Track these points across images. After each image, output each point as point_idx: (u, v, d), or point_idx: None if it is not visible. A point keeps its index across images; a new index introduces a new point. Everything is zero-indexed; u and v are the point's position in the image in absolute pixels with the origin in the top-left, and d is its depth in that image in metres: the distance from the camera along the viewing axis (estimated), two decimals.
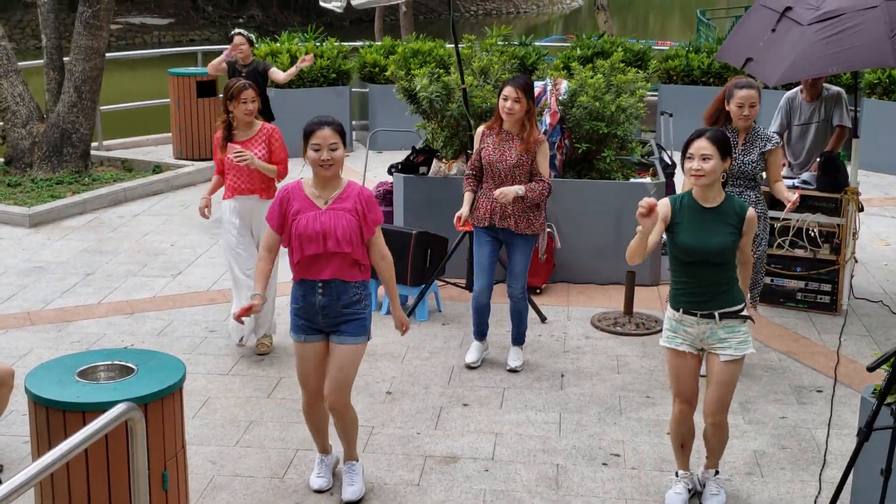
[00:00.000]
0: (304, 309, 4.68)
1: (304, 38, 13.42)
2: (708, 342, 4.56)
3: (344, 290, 4.63)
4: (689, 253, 4.46)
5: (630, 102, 8.07)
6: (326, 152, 4.54)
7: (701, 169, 4.42)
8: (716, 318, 4.50)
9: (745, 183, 6.25)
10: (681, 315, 4.55)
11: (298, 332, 4.73)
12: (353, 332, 4.67)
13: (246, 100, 6.41)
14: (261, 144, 6.47)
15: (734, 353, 4.53)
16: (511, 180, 6.11)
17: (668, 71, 13.10)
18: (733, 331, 4.53)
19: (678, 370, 4.62)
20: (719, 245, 4.44)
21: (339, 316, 4.65)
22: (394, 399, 5.98)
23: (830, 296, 7.40)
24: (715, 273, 4.48)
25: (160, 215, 10.01)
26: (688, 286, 4.51)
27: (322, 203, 4.61)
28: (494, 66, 8.35)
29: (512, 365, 6.40)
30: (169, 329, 7.06)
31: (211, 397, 5.98)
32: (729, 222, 4.48)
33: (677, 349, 4.60)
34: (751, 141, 6.24)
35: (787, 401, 5.99)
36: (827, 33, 6.34)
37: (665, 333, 4.65)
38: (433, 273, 7.33)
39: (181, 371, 4.28)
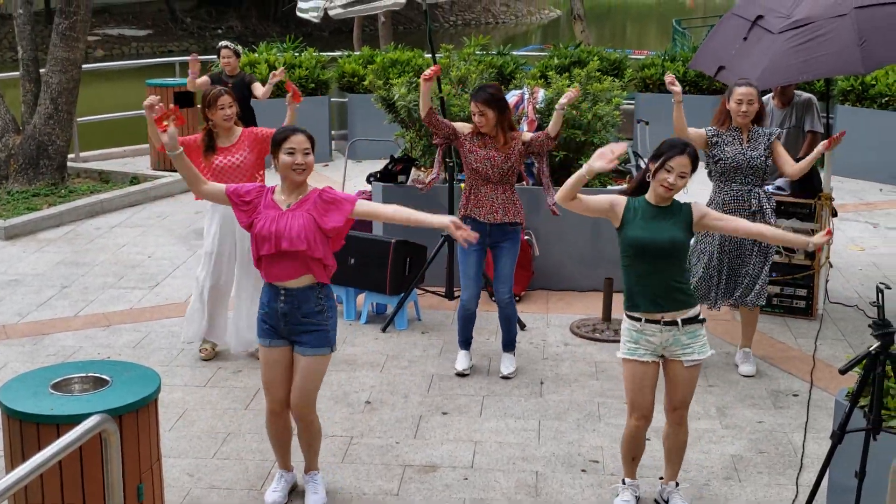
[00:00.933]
0: (268, 314, 4.67)
1: (283, 49, 13.41)
2: (671, 349, 4.55)
3: (305, 298, 4.59)
4: (640, 247, 4.49)
5: (606, 111, 8.10)
6: (301, 156, 4.55)
7: (675, 186, 4.48)
8: (678, 324, 4.50)
9: (754, 179, 6.30)
10: (642, 325, 4.52)
11: (264, 337, 4.71)
12: (314, 343, 4.62)
13: (223, 105, 6.39)
14: (243, 149, 6.45)
15: (698, 357, 4.56)
16: (500, 179, 6.14)
17: (644, 80, 13.16)
18: (695, 335, 4.55)
19: (640, 382, 4.57)
20: (669, 237, 4.48)
21: (299, 325, 4.61)
22: (373, 408, 5.96)
23: (806, 300, 7.43)
24: (667, 268, 4.49)
25: (137, 227, 9.96)
26: (642, 285, 4.51)
27: (284, 206, 4.61)
28: (472, 76, 8.36)
29: (505, 372, 6.40)
30: (146, 341, 7.02)
31: (188, 409, 5.94)
32: (679, 219, 4.53)
33: (640, 360, 4.55)
34: (754, 138, 6.30)
35: (764, 405, 6.01)
36: (797, 41, 6.39)
37: (625, 346, 4.59)
38: (412, 281, 7.32)
39: (156, 382, 4.25)
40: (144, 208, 10.68)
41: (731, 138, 6.32)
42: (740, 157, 6.25)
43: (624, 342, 4.61)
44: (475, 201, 6.21)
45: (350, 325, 7.34)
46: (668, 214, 4.55)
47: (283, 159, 4.55)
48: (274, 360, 4.71)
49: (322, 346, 4.65)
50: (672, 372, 4.59)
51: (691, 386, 4.62)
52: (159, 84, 12.28)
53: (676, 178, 4.45)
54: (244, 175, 6.44)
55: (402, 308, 7.25)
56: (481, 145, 6.18)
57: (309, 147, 4.58)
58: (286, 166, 4.55)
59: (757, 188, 6.31)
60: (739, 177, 6.29)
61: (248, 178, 6.43)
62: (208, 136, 6.49)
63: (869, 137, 11.71)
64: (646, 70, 13.19)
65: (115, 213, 10.46)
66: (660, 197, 4.54)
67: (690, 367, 4.56)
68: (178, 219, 10.24)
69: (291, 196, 4.63)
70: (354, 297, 7.47)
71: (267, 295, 4.67)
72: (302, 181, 4.60)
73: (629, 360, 4.58)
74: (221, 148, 6.47)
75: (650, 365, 4.56)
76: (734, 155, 6.26)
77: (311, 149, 4.60)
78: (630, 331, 4.57)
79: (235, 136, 6.50)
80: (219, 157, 6.45)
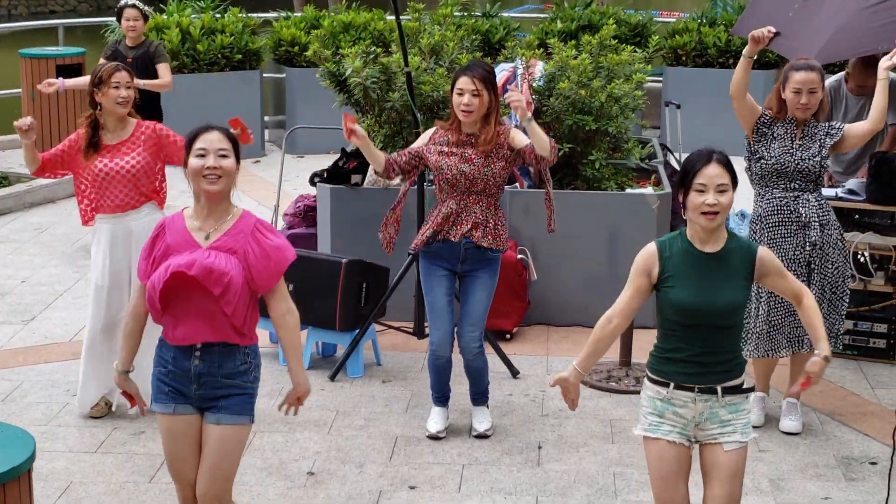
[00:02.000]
0: (172, 374, 4.59)
1: (200, 9, 13.42)
2: (706, 427, 4.47)
3: (229, 355, 4.58)
4: (688, 314, 4.41)
5: (625, 90, 8.14)
6: (213, 158, 4.50)
7: (717, 204, 4.36)
8: (718, 393, 4.43)
9: (804, 185, 6.36)
10: (670, 392, 4.45)
11: (165, 402, 4.63)
12: (235, 409, 4.59)
13: (118, 83, 6.33)
14: (137, 149, 6.41)
15: (741, 439, 4.47)
16: (483, 186, 6.15)
17: (676, 49, 13.25)
18: (737, 410, 4.47)
19: (666, 469, 4.48)
20: (727, 303, 4.40)
21: (220, 388, 4.58)
22: (318, 482, 5.95)
23: (887, 339, 7.48)
24: (719, 338, 4.44)
25: (8, 242, 9.92)
26: (682, 353, 4.45)
27: (203, 238, 4.56)
28: (448, 45, 8.39)
29: (479, 429, 6.41)
30: (18, 393, 6.99)
31: (74, 482, 5.91)
32: (737, 271, 4.44)
33: (666, 438, 4.48)
34: (810, 135, 6.37)
35: (832, 476, 6.04)
36: (875, 0, 6.45)
37: (645, 420, 4.53)
38: (370, 315, 7.32)
39: (30, 448, 4.23)
40: (17, 218, 10.64)
41: (783, 131, 6.38)
42: (787, 158, 6.30)
43: (644, 414, 4.54)
44: (447, 217, 6.21)
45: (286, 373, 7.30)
46: (721, 263, 4.44)
47: (191, 163, 4.53)
48: (181, 431, 4.64)
49: (244, 415, 4.63)
50: (710, 460, 4.49)
51: (738, 481, 4.49)
52: (37, 55, 12.25)
53: (715, 195, 4.36)
54: (134, 185, 6.37)
55: (356, 349, 7.25)
56: (455, 145, 6.20)
57: (226, 148, 4.54)
58: (196, 172, 4.51)
59: (808, 193, 6.36)
60: (784, 181, 6.34)
61: (140, 190, 6.38)
62: (92, 128, 6.41)
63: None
64: (677, 37, 13.29)
65: None
66: (705, 232, 4.42)
67: (732, 451, 4.45)
68: (60, 231, 10.21)
69: (209, 221, 4.57)
70: None
71: (172, 351, 4.61)
72: (217, 193, 4.53)
73: (651, 440, 4.51)
74: (108, 146, 6.40)
75: (679, 448, 4.47)
76: (780, 155, 6.32)
77: (230, 151, 4.56)
78: (653, 399, 4.51)
79: (128, 130, 6.45)
80: (102, 157, 6.36)
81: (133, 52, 9.54)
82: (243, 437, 4.68)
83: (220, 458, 4.60)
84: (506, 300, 7.65)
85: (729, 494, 4.46)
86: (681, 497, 4.50)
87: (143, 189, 6.41)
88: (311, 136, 11.91)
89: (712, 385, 4.43)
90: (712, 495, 4.47)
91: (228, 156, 4.55)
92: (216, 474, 4.62)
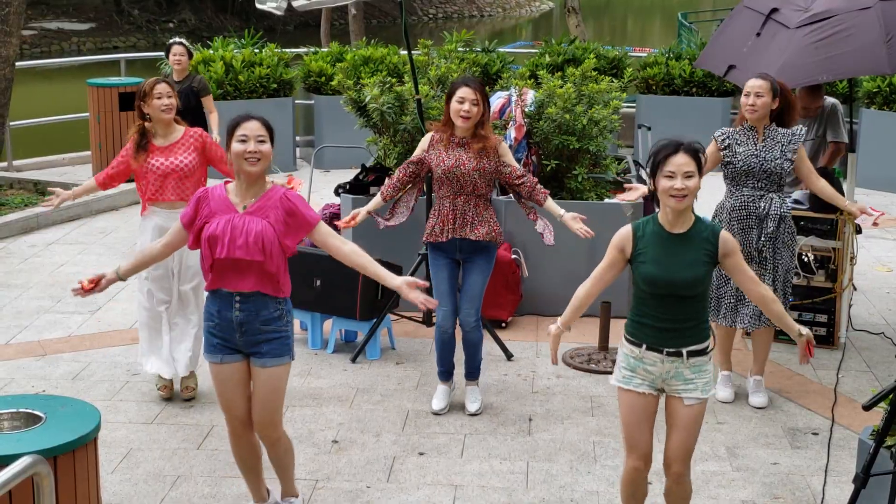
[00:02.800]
0: (219, 326, 4.69)
1: (241, 45, 13.44)
2: (671, 383, 4.49)
3: (264, 304, 4.64)
4: (657, 285, 4.40)
5: (604, 114, 8.14)
6: (253, 143, 4.58)
7: (685, 188, 4.32)
8: (683, 355, 4.44)
9: (769, 184, 6.33)
10: (642, 351, 4.47)
11: (214, 353, 4.73)
12: (275, 352, 4.68)
13: (161, 94, 6.26)
14: (188, 151, 6.37)
15: (701, 396, 4.47)
16: (471, 185, 6.14)
17: (647, 80, 13.24)
18: (700, 370, 4.47)
19: (635, 415, 4.52)
20: (690, 276, 4.38)
21: (259, 334, 4.66)
22: (341, 449, 5.95)
23: (827, 327, 7.47)
24: (685, 307, 4.43)
25: (77, 244, 9.92)
26: (653, 319, 4.45)
27: (240, 208, 4.63)
28: (453, 75, 8.39)
29: (471, 408, 6.40)
30: (86, 373, 6.99)
31: (133, 449, 5.91)
32: (702, 249, 4.41)
33: (636, 390, 4.50)
34: (771, 137, 6.33)
35: (780, 445, 6.03)
36: (816, 37, 6.45)
37: (620, 372, 4.55)
38: (386, 306, 7.32)
39: (96, 419, 4.24)
40: (85, 223, 10.65)
41: (744, 138, 6.34)
42: (753, 160, 6.28)
43: (619, 368, 4.56)
44: (442, 218, 6.21)
45: (315, 355, 7.33)
46: (688, 243, 4.41)
47: (234, 148, 4.61)
48: (229, 376, 4.74)
49: (284, 355, 4.72)
50: (671, 412, 4.53)
51: (692, 432, 4.51)
52: (102, 84, 12.26)
53: (683, 180, 4.32)
54: (189, 181, 6.34)
55: (374, 336, 7.25)
56: (448, 147, 6.20)
57: (264, 135, 4.63)
58: (238, 155, 4.59)
59: (772, 193, 6.34)
60: (752, 181, 6.32)
61: (187, 188, 6.35)
62: (141, 135, 6.37)
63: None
64: (648, 69, 13.28)
65: (52, 228, 10.43)
66: (675, 213, 4.39)
67: (691, 406, 4.46)
68: (121, 235, 10.21)
69: (248, 195, 4.66)
70: (320, 324, 7.46)
71: (216, 304, 4.68)
72: (256, 173, 4.62)
73: (624, 391, 4.54)
74: (159, 147, 6.34)
75: (647, 397, 4.51)
76: (746, 157, 6.29)
77: (266, 137, 4.64)
78: (627, 356, 4.53)
79: (177, 134, 6.40)
80: (157, 157, 6.32)
81: (179, 85, 9.50)
82: (286, 374, 4.78)
83: (268, 393, 4.71)
84: (501, 293, 7.65)
85: (685, 441, 4.53)
86: (646, 441, 4.56)
87: (189, 188, 6.35)
88: (336, 153, 11.92)
89: (679, 349, 4.43)
90: (672, 440, 4.54)
91: (265, 141, 4.63)
92: (268, 408, 4.74)
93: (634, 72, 12.83)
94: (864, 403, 4.03)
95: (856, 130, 8.03)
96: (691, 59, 13.10)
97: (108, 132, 12.09)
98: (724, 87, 12.61)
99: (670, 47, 14.11)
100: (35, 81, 21.77)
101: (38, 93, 20.34)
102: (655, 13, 55.23)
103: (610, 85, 8.40)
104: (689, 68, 12.97)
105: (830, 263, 7.40)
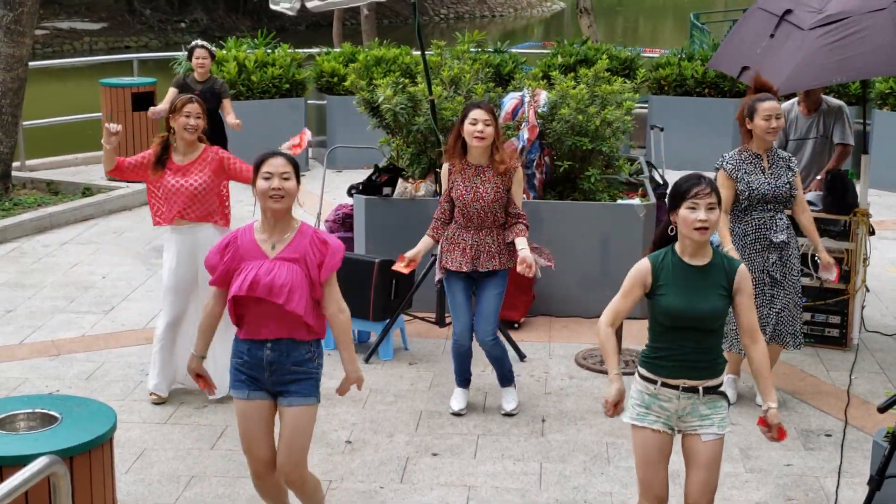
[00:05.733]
0: (248, 364, 4.63)
1: (254, 45, 13.46)
2: (686, 420, 4.42)
3: (295, 347, 4.61)
4: (677, 318, 4.35)
5: (616, 115, 8.14)
6: (278, 180, 4.54)
7: (707, 221, 4.29)
8: (699, 392, 4.37)
9: (776, 207, 6.32)
10: (657, 388, 4.40)
11: (241, 388, 4.66)
12: (302, 391, 4.63)
13: (189, 114, 6.33)
14: (205, 170, 6.39)
15: (718, 431, 4.41)
16: (492, 217, 6.15)
17: (659, 80, 13.23)
18: (715, 406, 4.41)
19: (651, 455, 4.44)
20: (710, 309, 4.34)
21: (288, 374, 4.61)
22: (354, 449, 5.96)
23: (839, 329, 7.46)
24: (704, 340, 4.38)
25: (90, 244, 9.95)
26: (671, 353, 4.39)
27: (269, 248, 4.60)
28: (466, 76, 8.40)
29: (507, 408, 6.41)
30: (100, 372, 7.01)
31: (147, 449, 5.93)
32: (719, 283, 4.37)
33: (651, 427, 4.42)
34: (775, 163, 6.31)
35: (793, 446, 6.03)
36: (830, 39, 6.43)
37: (634, 410, 4.47)
38: (399, 306, 7.33)
39: (111, 420, 4.25)
40: (98, 223, 10.68)
41: (752, 166, 6.30)
42: (766, 188, 6.25)
43: (633, 405, 4.48)
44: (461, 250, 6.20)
45: (329, 356, 7.28)
46: (706, 275, 4.38)
47: (259, 185, 4.58)
48: (254, 413, 4.68)
49: (311, 395, 4.66)
50: (689, 451, 4.46)
51: (713, 469, 4.44)
52: (115, 84, 12.30)
53: (706, 212, 4.29)
54: (199, 201, 6.36)
55: (387, 336, 7.26)
56: (464, 178, 6.18)
57: (289, 171, 4.58)
58: (262, 193, 4.57)
59: (780, 213, 6.34)
60: (761, 205, 6.30)
61: (205, 206, 6.37)
62: (163, 148, 6.42)
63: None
64: (660, 70, 13.27)
65: (66, 228, 10.46)
66: (695, 245, 4.35)
67: (709, 442, 4.40)
68: (135, 235, 10.24)
69: (275, 233, 4.62)
70: None
71: (246, 344, 4.64)
72: (281, 210, 4.58)
73: (639, 429, 4.46)
74: (176, 165, 6.39)
75: (663, 436, 4.43)
76: (758, 185, 6.26)
77: (291, 173, 4.59)
78: (642, 393, 4.45)
79: (196, 152, 6.44)
80: (174, 175, 6.37)
81: (200, 86, 9.63)
82: (312, 415, 4.71)
83: (295, 434, 4.64)
84: (514, 294, 7.65)
85: (706, 479, 4.42)
86: (661, 481, 4.47)
87: (206, 206, 6.39)
88: (348, 153, 11.91)
89: (695, 384, 4.38)
90: (693, 480, 4.44)
91: (290, 178, 4.58)
92: (294, 450, 4.67)
93: (647, 72, 12.81)
94: (879, 406, 4.03)
95: (868, 132, 8.00)
96: (703, 59, 13.08)
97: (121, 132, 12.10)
98: (736, 88, 12.58)
99: (682, 48, 14.10)
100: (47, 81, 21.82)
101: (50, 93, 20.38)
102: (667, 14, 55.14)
103: (623, 86, 8.40)
104: (701, 69, 12.95)
105: (843, 265, 7.38)
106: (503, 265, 6.21)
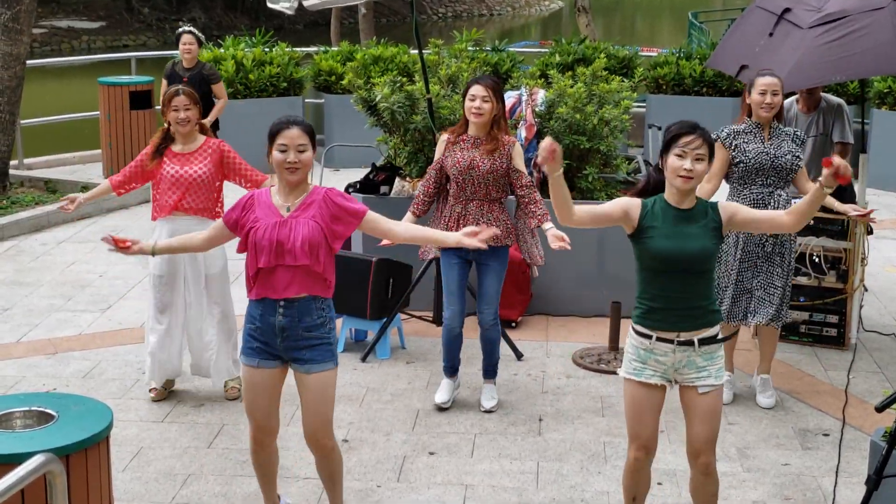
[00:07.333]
0: (260, 330, 4.65)
1: (252, 44, 13.45)
2: (683, 372, 4.47)
3: (307, 310, 4.61)
4: (666, 260, 4.39)
5: (614, 114, 8.13)
6: (293, 154, 4.56)
7: (692, 171, 4.36)
8: (695, 344, 4.43)
9: (778, 181, 6.30)
10: (653, 343, 4.44)
11: (251, 356, 4.69)
12: (319, 358, 4.64)
13: (178, 107, 6.29)
14: (204, 160, 6.37)
15: (715, 382, 4.45)
16: (485, 189, 6.14)
17: (657, 79, 13.22)
18: (712, 357, 4.46)
19: (642, 407, 4.49)
20: (699, 248, 4.39)
21: (300, 340, 4.63)
22: (351, 448, 5.95)
23: (837, 328, 7.46)
24: (694, 284, 4.42)
25: (87, 242, 9.94)
26: (662, 301, 4.42)
27: (284, 211, 4.63)
28: (464, 74, 8.39)
29: (486, 405, 6.40)
30: (96, 371, 7.00)
31: (144, 447, 5.92)
32: (707, 224, 4.44)
33: (647, 382, 4.47)
34: (777, 135, 6.31)
35: (791, 446, 6.02)
36: (829, 38, 6.44)
37: (629, 364, 4.51)
38: (396, 305, 7.32)
39: (108, 418, 4.24)
40: (95, 222, 10.67)
41: (751, 136, 6.32)
42: (764, 158, 6.26)
43: (628, 360, 4.53)
44: (454, 223, 6.19)
45: None
46: (693, 218, 4.44)
47: (275, 156, 4.61)
48: (261, 381, 4.71)
49: (329, 361, 4.67)
50: (688, 403, 4.51)
51: (713, 420, 4.49)
52: (113, 83, 12.28)
53: (693, 162, 4.34)
54: (200, 192, 6.34)
55: (384, 335, 7.25)
56: (462, 148, 6.20)
57: (305, 142, 4.59)
58: (278, 164, 4.59)
59: (780, 190, 6.33)
60: (761, 178, 6.30)
61: (199, 199, 6.35)
62: (163, 137, 6.40)
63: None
64: (658, 69, 13.26)
65: (63, 226, 10.45)
66: (680, 192, 4.42)
67: (706, 393, 4.45)
68: (133, 233, 10.15)
69: (290, 197, 4.65)
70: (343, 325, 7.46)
71: (259, 308, 4.65)
72: (297, 181, 4.62)
73: (632, 382, 4.50)
74: (176, 153, 6.37)
75: (656, 389, 4.49)
76: (756, 155, 6.26)
77: (307, 144, 4.61)
78: (637, 349, 4.50)
79: (197, 143, 6.42)
80: (172, 163, 6.34)
81: (188, 72, 9.67)
82: (334, 380, 4.73)
83: (317, 399, 4.67)
84: (512, 294, 7.64)
85: (706, 432, 4.49)
86: (650, 430, 4.53)
87: (201, 199, 6.35)
88: (346, 152, 11.93)
89: (690, 336, 4.41)
90: (693, 433, 4.51)
91: (306, 150, 4.60)
92: (320, 415, 4.70)
93: (644, 71, 12.81)
94: (877, 405, 4.03)
95: (867, 130, 8.00)
96: (702, 58, 13.08)
97: (119, 131, 12.11)
98: (734, 87, 12.58)
99: (681, 47, 14.10)
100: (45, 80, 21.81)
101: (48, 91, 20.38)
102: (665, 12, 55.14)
103: (620, 85, 8.39)
104: (699, 68, 12.95)
105: (841, 264, 7.38)
106: (501, 242, 6.19)
